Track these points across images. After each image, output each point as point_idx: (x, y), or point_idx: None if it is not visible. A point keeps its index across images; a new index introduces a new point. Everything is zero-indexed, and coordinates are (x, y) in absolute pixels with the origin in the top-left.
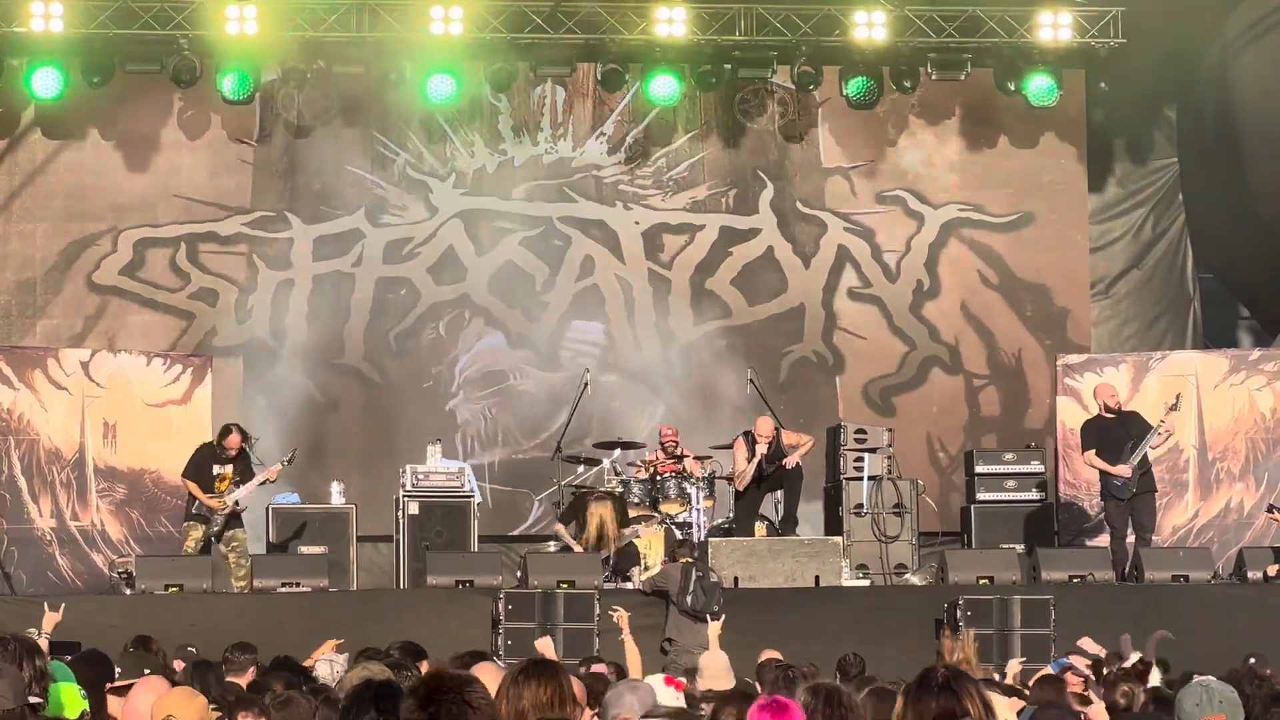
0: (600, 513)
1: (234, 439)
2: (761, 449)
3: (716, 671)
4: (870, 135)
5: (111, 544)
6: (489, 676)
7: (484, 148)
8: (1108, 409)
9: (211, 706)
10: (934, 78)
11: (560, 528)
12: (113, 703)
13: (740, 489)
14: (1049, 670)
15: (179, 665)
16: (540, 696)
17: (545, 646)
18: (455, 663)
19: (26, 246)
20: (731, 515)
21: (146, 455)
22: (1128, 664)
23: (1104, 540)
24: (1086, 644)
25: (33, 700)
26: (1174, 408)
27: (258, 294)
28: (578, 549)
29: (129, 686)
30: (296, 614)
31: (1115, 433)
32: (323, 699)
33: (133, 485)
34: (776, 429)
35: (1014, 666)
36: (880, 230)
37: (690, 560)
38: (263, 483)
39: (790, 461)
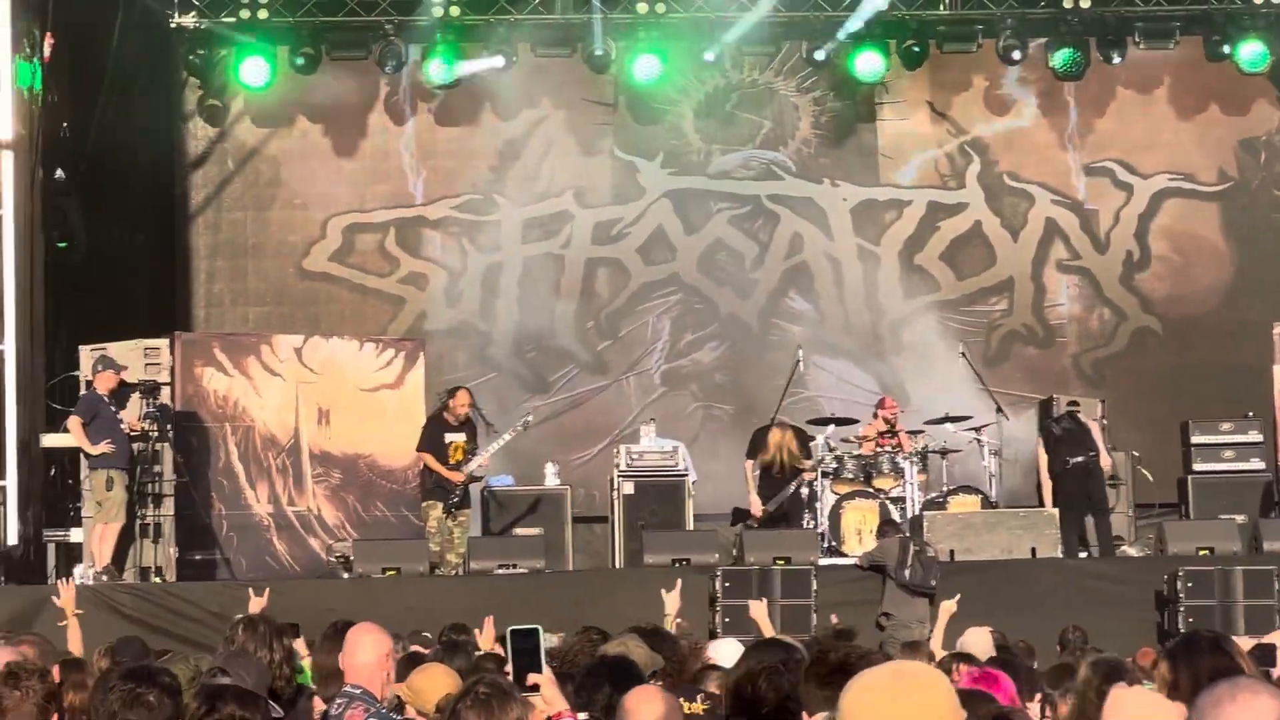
0: (779, 438)
1: (463, 397)
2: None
3: (980, 647)
4: (1077, 106)
5: (328, 528)
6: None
7: (691, 126)
8: None
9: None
10: (1141, 47)
11: (747, 465)
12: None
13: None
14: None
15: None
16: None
17: (760, 612)
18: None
19: (237, 234)
20: (946, 488)
21: (360, 440)
22: None
23: None
24: None
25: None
26: None
27: (467, 277)
28: (754, 497)
29: None
30: (513, 596)
31: None
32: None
33: (348, 470)
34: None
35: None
36: (1089, 202)
37: (907, 535)
38: (496, 450)
39: None
